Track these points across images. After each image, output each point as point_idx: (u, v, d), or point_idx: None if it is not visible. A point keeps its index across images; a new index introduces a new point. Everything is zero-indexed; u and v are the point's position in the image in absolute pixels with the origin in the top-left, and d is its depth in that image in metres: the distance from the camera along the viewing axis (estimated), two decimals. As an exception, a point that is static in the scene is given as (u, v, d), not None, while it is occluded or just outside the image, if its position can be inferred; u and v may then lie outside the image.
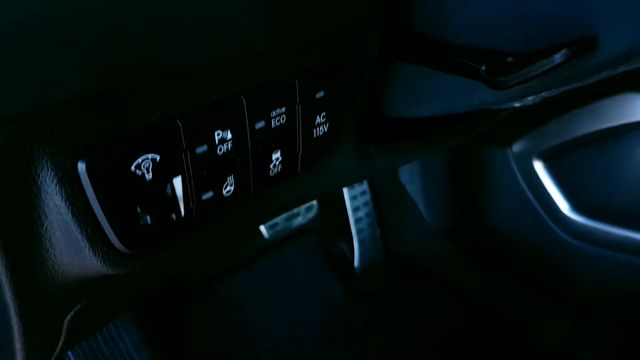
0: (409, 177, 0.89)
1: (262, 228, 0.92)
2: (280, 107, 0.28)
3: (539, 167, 0.67)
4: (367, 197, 0.97)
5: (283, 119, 0.28)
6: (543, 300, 0.81)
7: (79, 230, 0.22)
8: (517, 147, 0.68)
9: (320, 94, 0.30)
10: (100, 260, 0.23)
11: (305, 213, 0.95)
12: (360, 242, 0.96)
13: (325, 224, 0.99)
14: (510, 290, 0.86)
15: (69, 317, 0.29)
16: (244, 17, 0.24)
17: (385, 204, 0.97)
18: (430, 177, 0.85)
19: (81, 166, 0.21)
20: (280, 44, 0.26)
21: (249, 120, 0.26)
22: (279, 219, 0.93)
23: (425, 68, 0.37)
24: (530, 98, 0.38)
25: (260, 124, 0.27)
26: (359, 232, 0.96)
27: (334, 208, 0.98)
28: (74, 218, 0.22)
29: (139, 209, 0.23)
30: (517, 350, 0.84)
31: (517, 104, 0.40)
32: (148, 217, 0.24)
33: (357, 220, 0.96)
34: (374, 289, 0.96)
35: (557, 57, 0.29)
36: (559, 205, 0.66)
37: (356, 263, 0.97)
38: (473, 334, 0.88)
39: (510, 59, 0.33)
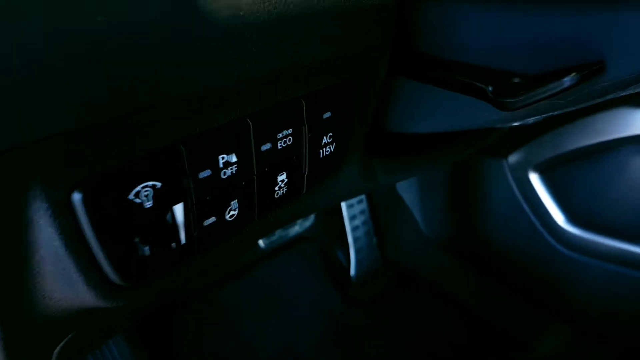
0: (406, 186, 0.89)
1: (259, 237, 0.92)
2: (287, 129, 0.27)
3: (534, 178, 0.67)
4: (363, 205, 0.96)
5: (290, 140, 0.28)
6: (538, 312, 0.82)
7: (72, 263, 0.21)
8: (513, 159, 0.68)
9: (327, 114, 0.30)
10: (95, 293, 0.23)
11: (302, 222, 0.95)
12: (357, 250, 0.96)
13: (322, 232, 0.98)
14: (506, 301, 0.86)
15: (58, 348, 0.28)
16: (249, 45, 0.23)
17: (382, 213, 0.97)
18: (426, 187, 0.85)
19: (77, 197, 0.20)
20: (288, 69, 0.26)
21: (254, 143, 0.26)
22: (276, 228, 0.93)
23: (430, 86, 0.37)
24: (532, 118, 0.38)
25: (266, 146, 0.27)
26: (355, 240, 0.96)
27: (330, 216, 0.98)
28: (67, 250, 0.21)
29: (137, 240, 0.22)
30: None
31: (518, 123, 0.40)
32: (147, 248, 0.23)
33: (354, 229, 0.96)
34: (370, 298, 0.96)
35: (566, 81, 0.29)
36: (554, 216, 0.66)
37: (352, 271, 0.97)
38: (468, 346, 0.88)
39: (517, 80, 0.33)
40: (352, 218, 0.96)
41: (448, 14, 0.34)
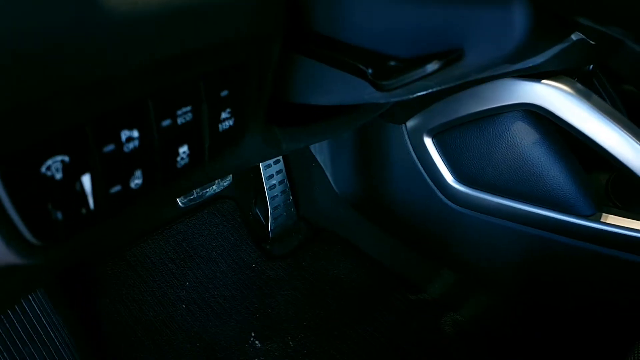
0: (319, 147, 0.94)
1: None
2: (186, 106, 0.31)
3: (428, 142, 0.74)
4: (280, 165, 1.01)
5: (189, 117, 0.31)
6: (430, 260, 0.92)
7: None
8: (410, 124, 0.75)
9: (224, 93, 0.33)
10: (15, 252, 0.26)
11: (219, 182, 0.98)
12: (274, 208, 1.01)
13: (240, 191, 1.02)
14: (404, 250, 0.96)
15: None
16: (141, 32, 0.26)
17: (297, 173, 1.02)
18: (336, 149, 0.91)
19: None
20: (182, 53, 0.29)
21: (155, 119, 0.29)
22: (194, 187, 0.95)
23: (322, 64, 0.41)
24: (412, 95, 0.44)
25: (166, 122, 0.30)
26: (272, 198, 1.01)
27: (248, 176, 1.02)
28: None
29: (50, 206, 0.26)
30: (405, 302, 0.95)
31: (398, 99, 0.46)
32: (59, 213, 0.26)
33: (271, 188, 1.01)
34: (286, 252, 1.03)
35: (429, 67, 0.34)
36: (445, 176, 0.74)
37: (270, 227, 1.02)
38: (371, 289, 0.98)
39: (392, 63, 0.38)
40: (269, 177, 1.01)
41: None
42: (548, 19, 0.35)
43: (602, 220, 0.63)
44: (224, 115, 0.34)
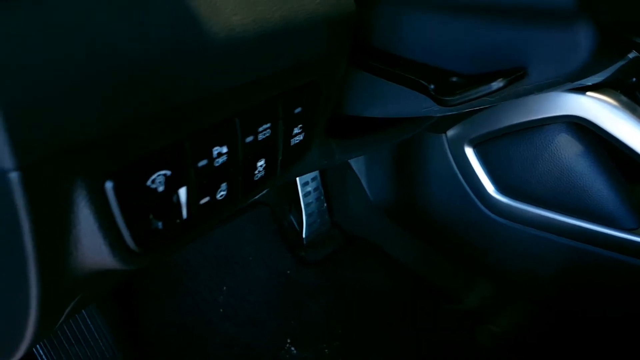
0: (354, 156, 0.95)
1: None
2: (266, 123, 0.33)
3: (469, 152, 0.75)
4: (315, 172, 1.03)
5: (268, 133, 0.33)
6: (467, 271, 0.92)
7: (102, 236, 0.26)
8: (451, 134, 0.75)
9: (298, 110, 0.35)
10: (117, 259, 0.28)
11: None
12: (309, 215, 1.03)
13: (276, 198, 1.04)
14: (440, 261, 0.96)
15: (69, 307, 0.33)
16: (238, 58, 0.28)
17: (332, 180, 1.04)
18: (373, 157, 0.92)
19: (109, 185, 0.25)
20: (268, 75, 0.31)
21: (241, 136, 0.31)
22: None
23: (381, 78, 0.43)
24: (467, 109, 0.45)
25: (249, 138, 0.32)
26: (307, 205, 1.02)
27: (283, 184, 1.03)
28: (98, 225, 0.26)
29: (151, 217, 0.28)
30: (441, 313, 0.95)
31: (454, 112, 0.47)
32: (160, 223, 0.28)
33: (306, 195, 1.02)
34: (320, 259, 1.04)
35: (494, 85, 0.35)
36: (485, 186, 0.74)
37: (304, 234, 1.04)
38: (406, 299, 0.99)
39: (454, 79, 0.39)
40: (305, 184, 1.02)
41: (399, 17, 0.40)
42: (610, 39, 0.36)
43: (645, 234, 0.63)
44: (295, 130, 0.36)
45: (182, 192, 0.29)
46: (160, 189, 0.27)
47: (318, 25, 0.32)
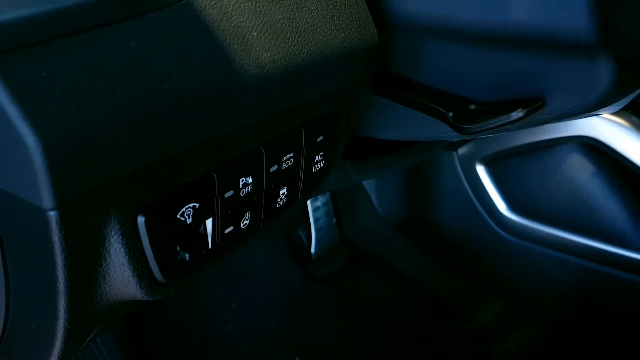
0: (364, 171, 0.96)
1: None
2: (290, 153, 0.33)
3: (480, 170, 0.75)
4: (324, 188, 1.03)
5: (291, 162, 0.34)
6: (479, 288, 0.92)
7: (130, 269, 0.27)
8: (462, 152, 0.76)
9: (320, 138, 0.35)
10: (143, 291, 0.28)
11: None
12: (317, 230, 1.03)
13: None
14: (451, 278, 0.96)
15: (91, 334, 0.33)
16: (267, 92, 0.29)
17: (341, 195, 1.04)
18: (384, 173, 0.92)
19: (140, 220, 0.25)
20: (295, 107, 0.31)
21: (265, 166, 0.32)
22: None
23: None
24: (484, 136, 0.45)
25: (273, 168, 0.32)
26: (316, 220, 1.02)
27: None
28: (128, 259, 0.26)
29: (178, 248, 0.28)
30: (454, 331, 0.95)
31: (472, 137, 0.47)
32: (187, 255, 0.28)
33: (315, 210, 1.02)
34: (329, 274, 1.04)
35: (514, 115, 0.35)
36: (497, 204, 0.74)
37: (313, 249, 1.03)
38: (417, 316, 0.98)
39: (473, 107, 0.39)
40: (314, 200, 1.02)
41: (418, 45, 0.40)
42: (630, 71, 0.36)
43: (658, 254, 0.63)
44: (317, 158, 0.36)
45: (209, 223, 0.29)
46: (189, 221, 0.28)
47: (344, 58, 0.33)
